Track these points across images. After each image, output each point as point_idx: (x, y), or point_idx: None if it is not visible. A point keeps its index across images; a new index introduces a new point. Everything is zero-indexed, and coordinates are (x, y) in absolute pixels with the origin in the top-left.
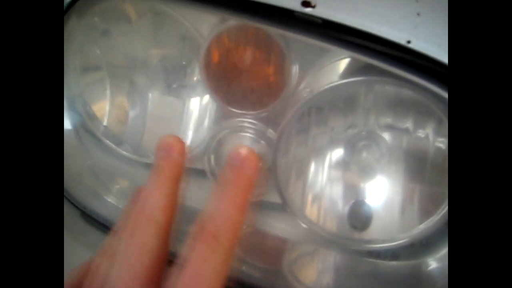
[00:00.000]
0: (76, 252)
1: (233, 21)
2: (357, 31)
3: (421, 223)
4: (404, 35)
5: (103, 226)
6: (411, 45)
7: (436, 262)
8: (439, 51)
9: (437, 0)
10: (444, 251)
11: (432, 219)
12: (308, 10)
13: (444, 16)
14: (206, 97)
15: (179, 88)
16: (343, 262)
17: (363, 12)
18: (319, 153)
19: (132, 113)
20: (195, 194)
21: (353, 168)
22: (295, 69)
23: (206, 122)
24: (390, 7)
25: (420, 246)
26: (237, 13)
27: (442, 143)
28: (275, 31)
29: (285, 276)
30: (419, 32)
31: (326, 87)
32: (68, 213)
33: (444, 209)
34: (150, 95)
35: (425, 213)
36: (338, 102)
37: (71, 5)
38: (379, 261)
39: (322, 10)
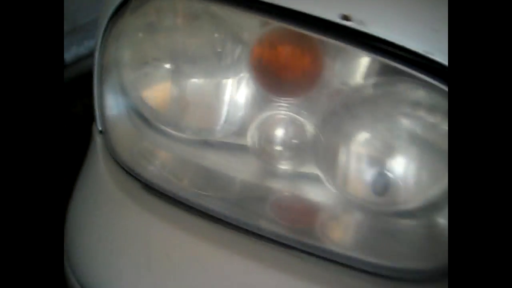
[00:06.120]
0: (140, 214)
1: (276, 25)
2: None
3: (430, 189)
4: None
5: (161, 194)
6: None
7: (443, 219)
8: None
9: None
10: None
11: (438, 186)
12: (347, 22)
13: None
14: (239, 80)
15: (216, 72)
16: (368, 222)
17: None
18: (347, 136)
19: (175, 96)
20: (236, 166)
21: (376, 146)
22: (327, 64)
23: (242, 102)
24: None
25: (430, 207)
26: (280, 18)
27: (439, 129)
28: (314, 36)
29: (317, 235)
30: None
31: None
32: (132, 185)
33: (445, 179)
34: (191, 80)
35: (433, 181)
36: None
37: (124, 3)
38: (398, 220)
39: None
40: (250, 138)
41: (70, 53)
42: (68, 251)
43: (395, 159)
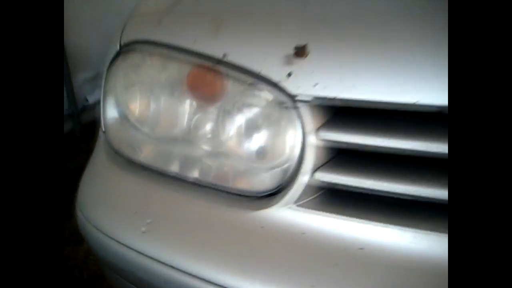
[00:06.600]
0: (125, 177)
1: (197, 64)
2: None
3: (283, 153)
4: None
5: (140, 167)
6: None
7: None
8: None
9: None
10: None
11: (287, 152)
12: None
13: None
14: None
15: (178, 95)
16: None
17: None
18: (237, 125)
19: (152, 109)
20: (187, 150)
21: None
22: (228, 86)
23: (187, 111)
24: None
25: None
26: (198, 61)
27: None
28: (216, 70)
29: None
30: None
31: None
32: (120, 161)
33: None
34: (162, 99)
35: (285, 148)
36: None
37: (119, 53)
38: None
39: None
40: (192, 135)
41: (93, 96)
42: (80, 203)
43: (262, 137)
